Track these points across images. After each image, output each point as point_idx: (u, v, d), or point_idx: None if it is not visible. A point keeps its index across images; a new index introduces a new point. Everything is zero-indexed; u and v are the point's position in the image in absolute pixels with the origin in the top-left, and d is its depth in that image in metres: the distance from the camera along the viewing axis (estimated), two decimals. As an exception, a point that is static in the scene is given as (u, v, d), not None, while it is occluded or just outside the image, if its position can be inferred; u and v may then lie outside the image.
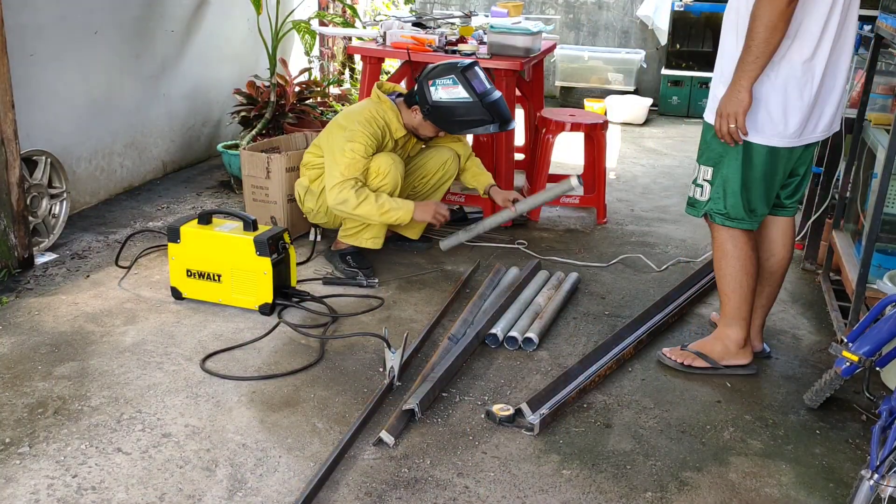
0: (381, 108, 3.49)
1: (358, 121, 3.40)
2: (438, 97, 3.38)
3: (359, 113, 3.45)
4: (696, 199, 2.77)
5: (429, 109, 3.40)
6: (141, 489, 2.15)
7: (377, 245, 3.54)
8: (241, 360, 2.82)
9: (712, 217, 2.74)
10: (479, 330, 2.95)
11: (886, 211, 2.94)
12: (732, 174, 2.64)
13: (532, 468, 2.31)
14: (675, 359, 2.89)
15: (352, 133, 3.35)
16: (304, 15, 5.55)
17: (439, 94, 3.37)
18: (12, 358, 2.76)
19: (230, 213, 3.34)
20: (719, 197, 2.68)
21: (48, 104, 3.89)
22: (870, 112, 3.37)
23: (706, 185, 2.71)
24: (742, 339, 2.83)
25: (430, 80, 3.39)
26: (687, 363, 2.87)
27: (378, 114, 3.46)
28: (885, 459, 1.89)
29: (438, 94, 3.38)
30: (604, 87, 7.30)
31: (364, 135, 3.34)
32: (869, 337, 2.37)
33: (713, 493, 2.25)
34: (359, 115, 3.43)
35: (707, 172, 2.70)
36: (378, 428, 2.41)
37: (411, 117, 3.50)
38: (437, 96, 3.38)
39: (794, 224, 2.91)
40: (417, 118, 3.48)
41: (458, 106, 3.38)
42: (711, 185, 2.70)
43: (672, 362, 2.89)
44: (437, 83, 3.37)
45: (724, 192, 2.67)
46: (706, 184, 2.71)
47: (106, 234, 3.92)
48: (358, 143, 3.32)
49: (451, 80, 3.36)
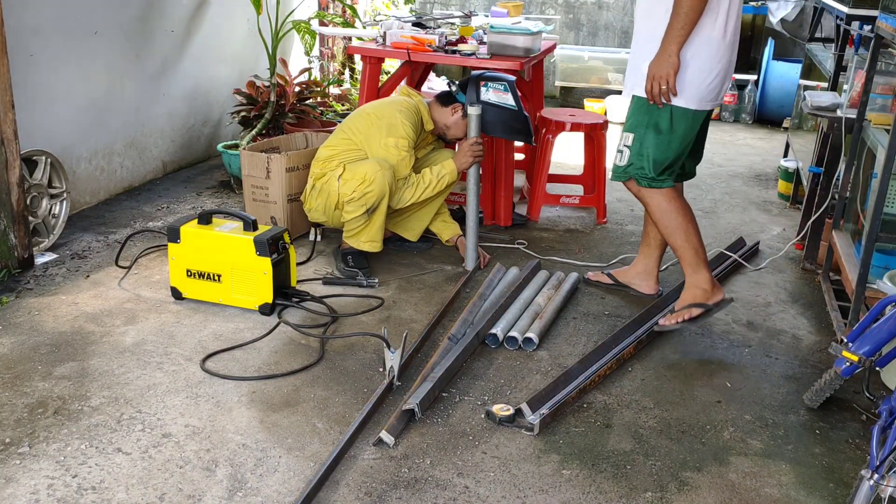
0: (413, 101, 3.63)
1: (398, 109, 3.53)
2: (488, 98, 3.57)
3: (397, 103, 3.58)
4: (616, 165, 3.04)
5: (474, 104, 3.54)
6: (141, 489, 2.15)
7: (375, 248, 3.53)
8: (241, 360, 2.82)
9: (639, 182, 3.01)
10: (479, 330, 2.95)
11: (886, 211, 2.94)
12: (654, 139, 2.94)
13: (532, 468, 2.31)
14: (675, 321, 3.05)
15: (393, 127, 3.48)
16: (304, 15, 5.55)
17: (489, 95, 3.58)
18: (12, 358, 2.77)
19: (230, 213, 3.34)
20: (639, 159, 2.97)
21: (48, 104, 3.89)
22: (870, 112, 3.37)
23: (626, 150, 3.01)
24: (710, 277, 3.08)
25: (484, 82, 3.58)
26: (686, 318, 3.05)
27: (412, 107, 3.60)
28: (885, 459, 1.90)
29: (489, 96, 3.57)
30: (604, 87, 7.30)
31: (408, 126, 3.50)
32: (869, 337, 2.37)
33: (713, 493, 2.25)
34: (397, 106, 3.55)
35: (628, 139, 2.99)
36: (378, 428, 2.41)
37: (447, 116, 3.64)
38: (487, 97, 3.57)
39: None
40: (455, 117, 3.63)
41: (504, 111, 3.59)
42: (630, 151, 2.99)
43: (673, 326, 3.05)
44: (489, 86, 3.57)
45: (645, 156, 2.96)
46: (626, 149, 3.01)
47: (106, 234, 3.92)
48: (402, 139, 3.47)
49: (504, 87, 3.58)
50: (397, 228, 3.79)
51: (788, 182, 4.82)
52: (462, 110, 3.60)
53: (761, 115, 6.94)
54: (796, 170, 4.69)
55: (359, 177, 3.37)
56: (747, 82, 7.00)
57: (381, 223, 3.48)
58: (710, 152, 5.97)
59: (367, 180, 3.36)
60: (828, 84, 4.57)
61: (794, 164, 4.77)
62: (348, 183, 3.40)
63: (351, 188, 3.39)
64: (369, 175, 3.36)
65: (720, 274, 3.63)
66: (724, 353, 3.02)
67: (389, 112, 3.51)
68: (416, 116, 3.58)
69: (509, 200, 4.20)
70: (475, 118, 3.52)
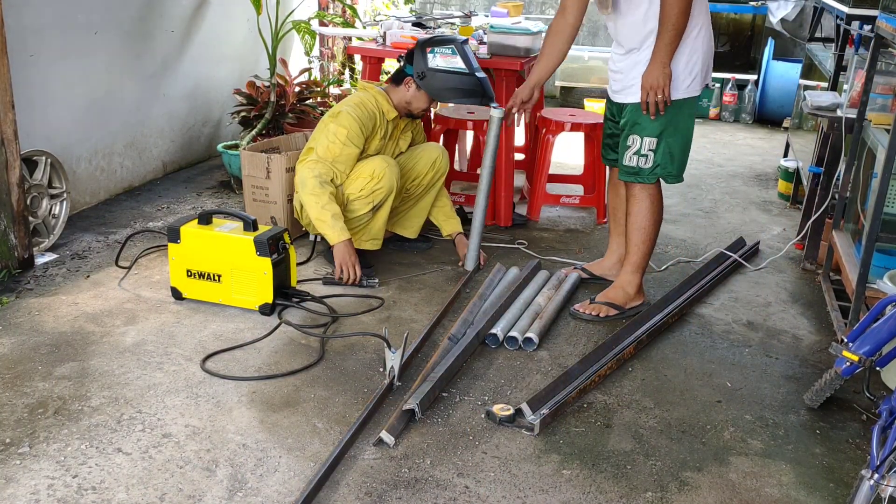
0: (369, 93, 3.53)
1: (345, 103, 3.45)
2: (436, 64, 3.47)
3: (347, 100, 3.50)
4: (640, 168, 3.12)
5: (423, 75, 3.45)
6: (141, 489, 2.15)
7: (376, 246, 3.55)
8: (242, 360, 2.82)
9: (666, 180, 3.14)
10: (479, 330, 2.95)
11: (886, 211, 2.94)
12: (677, 139, 3.09)
13: (532, 468, 2.31)
14: (590, 312, 3.22)
15: (338, 115, 3.39)
16: (304, 15, 5.55)
17: (437, 61, 3.47)
18: (12, 358, 2.76)
19: (230, 213, 3.34)
20: (668, 161, 3.10)
21: (48, 104, 3.89)
22: (870, 112, 3.36)
23: (651, 154, 3.09)
24: (640, 284, 3.28)
25: (429, 48, 3.47)
26: (602, 314, 3.21)
27: (366, 99, 3.49)
28: (885, 459, 1.89)
29: (436, 62, 3.47)
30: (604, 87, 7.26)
31: (350, 117, 3.37)
32: (869, 337, 2.37)
33: (713, 493, 2.25)
34: (346, 101, 3.47)
35: (651, 143, 3.08)
36: (378, 428, 2.41)
37: (403, 93, 3.54)
38: (435, 63, 3.47)
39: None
40: (410, 90, 3.52)
41: (454, 75, 3.48)
42: (655, 154, 3.09)
43: (588, 316, 3.22)
44: (435, 51, 3.47)
45: (672, 156, 3.10)
46: (651, 153, 3.09)
47: (106, 234, 3.92)
48: (342, 127, 3.36)
49: (451, 51, 3.48)
50: (395, 227, 3.79)
51: (788, 182, 4.83)
52: (413, 83, 3.50)
53: (761, 114, 6.94)
54: (796, 170, 4.69)
55: (366, 174, 3.36)
56: (747, 82, 7.00)
57: (384, 220, 3.48)
58: (710, 152, 5.98)
59: (376, 177, 3.36)
60: (828, 84, 4.57)
61: (794, 164, 4.77)
62: (354, 182, 3.40)
63: (358, 186, 3.39)
64: (377, 171, 3.36)
65: (720, 274, 3.64)
66: (724, 353, 3.02)
67: (338, 107, 3.47)
68: (367, 110, 3.46)
69: (509, 200, 4.20)
70: (496, 121, 3.43)
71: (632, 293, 3.26)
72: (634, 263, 3.25)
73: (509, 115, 3.44)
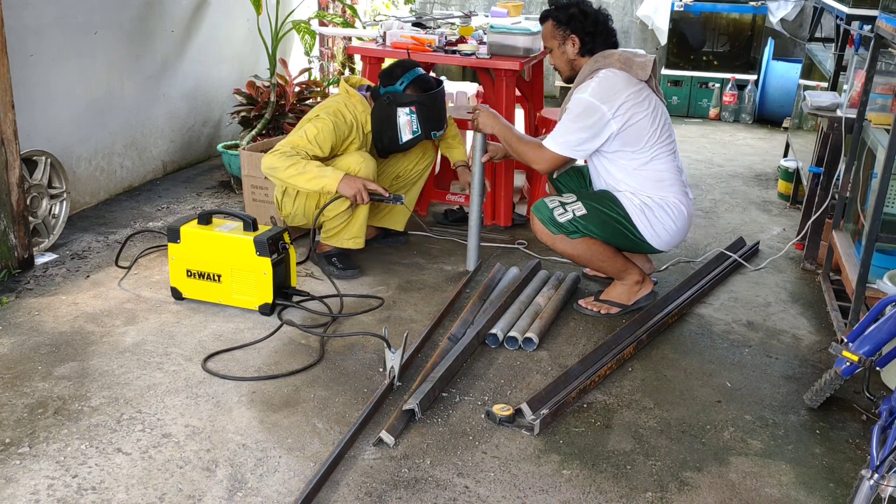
0: (351, 101, 3.49)
1: (324, 108, 3.41)
2: (401, 122, 3.43)
3: (327, 105, 3.45)
4: (557, 220, 3.14)
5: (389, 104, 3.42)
6: (141, 489, 2.15)
7: (358, 245, 3.49)
8: (241, 360, 2.82)
9: (579, 234, 3.15)
10: (479, 330, 2.95)
11: (886, 211, 2.94)
12: (608, 227, 3.15)
13: (532, 468, 2.31)
14: (594, 308, 3.28)
15: (315, 119, 3.36)
16: (304, 15, 5.55)
17: (401, 120, 3.43)
18: (12, 358, 2.77)
19: (230, 213, 3.34)
20: (596, 227, 3.14)
21: (48, 104, 3.89)
22: (870, 112, 3.36)
23: (570, 212, 3.14)
24: (638, 276, 3.31)
25: (404, 106, 3.41)
26: (604, 312, 3.27)
27: (347, 108, 3.45)
28: (885, 459, 1.89)
29: (401, 121, 3.43)
30: (604, 87, 7.27)
31: (324, 121, 3.34)
32: (869, 337, 2.37)
33: (713, 493, 2.25)
34: (326, 107, 3.43)
35: (581, 209, 3.14)
36: (378, 428, 2.41)
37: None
38: (400, 121, 3.43)
39: None
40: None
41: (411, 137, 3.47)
42: (582, 222, 3.13)
43: (591, 312, 3.27)
44: (406, 113, 3.42)
45: (602, 225, 3.14)
46: (570, 211, 3.14)
47: (106, 234, 3.92)
48: (313, 127, 3.32)
49: (409, 112, 3.43)
50: (382, 222, 3.78)
51: (788, 182, 4.82)
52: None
53: (761, 114, 6.94)
54: (796, 170, 4.69)
55: (342, 170, 3.33)
56: (747, 82, 7.00)
57: (364, 217, 3.44)
58: (710, 152, 5.98)
59: (352, 172, 3.32)
60: (828, 84, 4.57)
61: (794, 164, 4.77)
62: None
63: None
64: (353, 167, 3.31)
65: (720, 274, 3.63)
66: (724, 353, 3.02)
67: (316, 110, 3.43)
68: (344, 119, 3.40)
69: (509, 200, 4.20)
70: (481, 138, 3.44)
71: (634, 288, 3.32)
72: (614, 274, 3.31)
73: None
